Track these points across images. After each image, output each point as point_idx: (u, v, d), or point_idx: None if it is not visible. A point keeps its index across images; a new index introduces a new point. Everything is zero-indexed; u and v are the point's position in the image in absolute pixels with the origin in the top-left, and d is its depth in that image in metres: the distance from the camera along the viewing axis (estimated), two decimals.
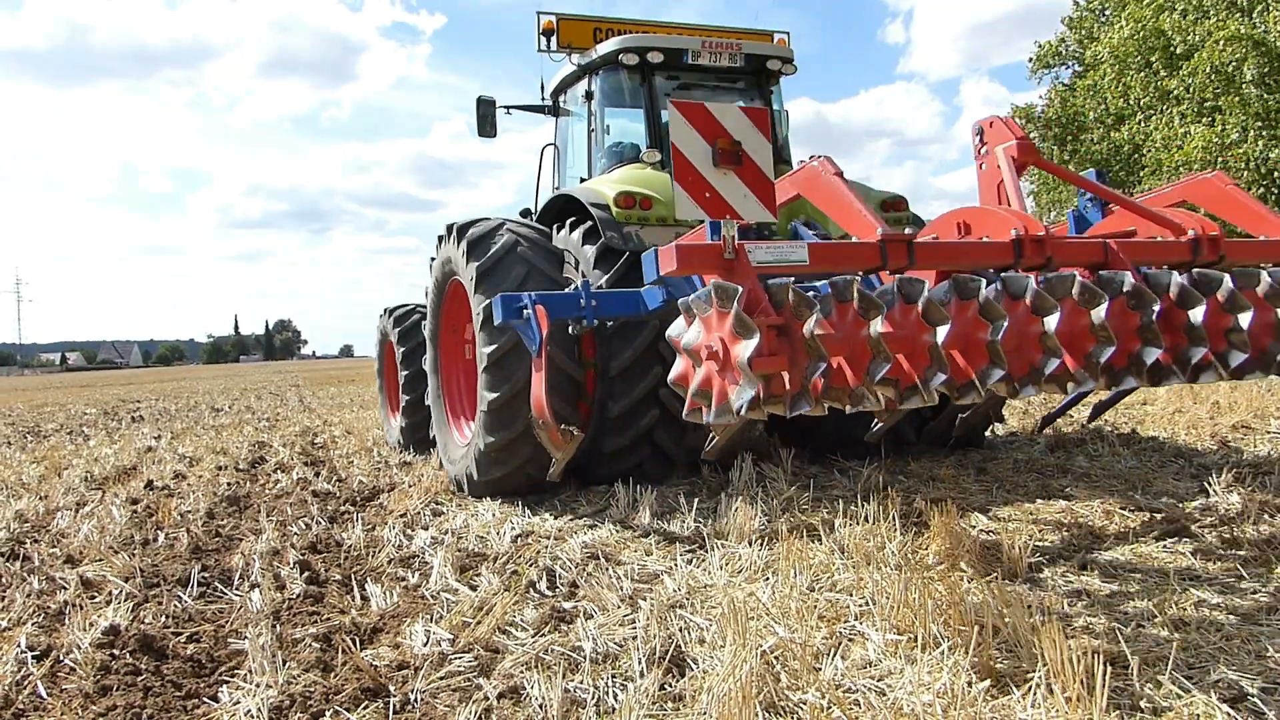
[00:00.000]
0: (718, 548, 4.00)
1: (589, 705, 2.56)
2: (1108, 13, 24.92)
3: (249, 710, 2.60)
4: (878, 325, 2.82)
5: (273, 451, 9.06)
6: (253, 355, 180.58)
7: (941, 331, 2.86)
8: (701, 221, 3.54)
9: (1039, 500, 4.91)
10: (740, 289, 2.78)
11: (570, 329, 4.88)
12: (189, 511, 5.73)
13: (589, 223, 5.81)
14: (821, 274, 3.69)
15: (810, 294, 2.88)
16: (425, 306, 6.93)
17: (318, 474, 7.27)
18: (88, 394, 30.07)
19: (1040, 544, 3.98)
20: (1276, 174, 17.93)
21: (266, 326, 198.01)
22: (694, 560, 3.96)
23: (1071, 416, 7.59)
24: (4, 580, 4.22)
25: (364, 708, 2.60)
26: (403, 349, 8.19)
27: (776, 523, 4.28)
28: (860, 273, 3.45)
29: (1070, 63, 26.62)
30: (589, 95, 6.90)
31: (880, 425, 4.75)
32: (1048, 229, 3.59)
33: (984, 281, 3.01)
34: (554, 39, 7.35)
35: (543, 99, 7.82)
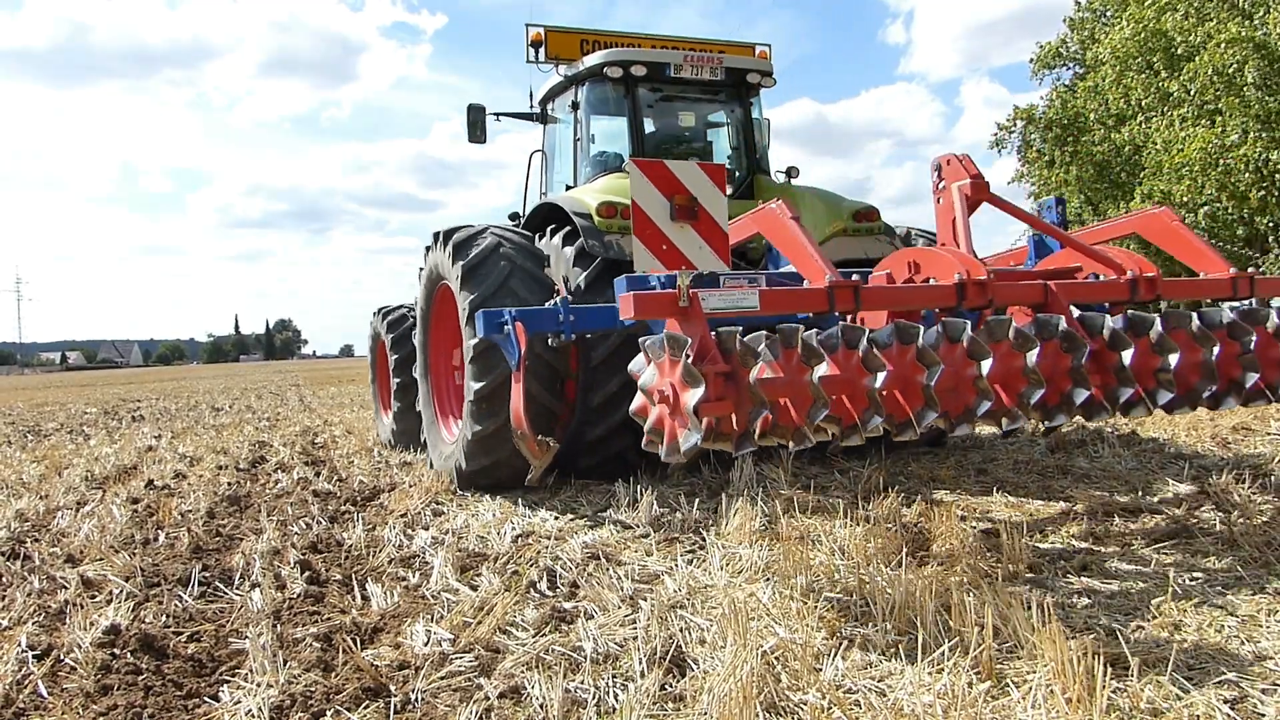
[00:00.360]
0: (718, 548, 4.01)
1: (589, 705, 2.56)
2: (1109, 13, 24.93)
3: (250, 710, 2.60)
4: (820, 370, 2.98)
5: (273, 451, 9.06)
6: (253, 355, 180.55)
7: (880, 377, 3.05)
8: None
9: (1039, 500, 4.91)
10: (690, 339, 2.91)
11: (549, 342, 5.06)
12: (189, 511, 5.74)
13: (572, 231, 5.96)
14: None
15: (759, 334, 3.05)
16: (416, 307, 7.10)
17: (318, 474, 7.28)
18: (88, 393, 30.07)
19: (1040, 544, 3.98)
20: (1277, 176, 17.93)
21: (267, 326, 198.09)
22: (694, 560, 3.96)
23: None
24: (4, 580, 4.23)
25: (364, 707, 2.60)
26: (394, 348, 8.38)
27: (777, 523, 4.29)
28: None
29: (1071, 64, 26.64)
30: (575, 105, 7.07)
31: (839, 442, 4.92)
32: (989, 271, 3.80)
33: (922, 328, 3.19)
34: (542, 50, 7.71)
35: (531, 107, 8.05)
